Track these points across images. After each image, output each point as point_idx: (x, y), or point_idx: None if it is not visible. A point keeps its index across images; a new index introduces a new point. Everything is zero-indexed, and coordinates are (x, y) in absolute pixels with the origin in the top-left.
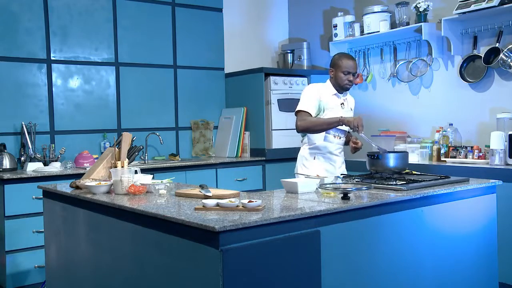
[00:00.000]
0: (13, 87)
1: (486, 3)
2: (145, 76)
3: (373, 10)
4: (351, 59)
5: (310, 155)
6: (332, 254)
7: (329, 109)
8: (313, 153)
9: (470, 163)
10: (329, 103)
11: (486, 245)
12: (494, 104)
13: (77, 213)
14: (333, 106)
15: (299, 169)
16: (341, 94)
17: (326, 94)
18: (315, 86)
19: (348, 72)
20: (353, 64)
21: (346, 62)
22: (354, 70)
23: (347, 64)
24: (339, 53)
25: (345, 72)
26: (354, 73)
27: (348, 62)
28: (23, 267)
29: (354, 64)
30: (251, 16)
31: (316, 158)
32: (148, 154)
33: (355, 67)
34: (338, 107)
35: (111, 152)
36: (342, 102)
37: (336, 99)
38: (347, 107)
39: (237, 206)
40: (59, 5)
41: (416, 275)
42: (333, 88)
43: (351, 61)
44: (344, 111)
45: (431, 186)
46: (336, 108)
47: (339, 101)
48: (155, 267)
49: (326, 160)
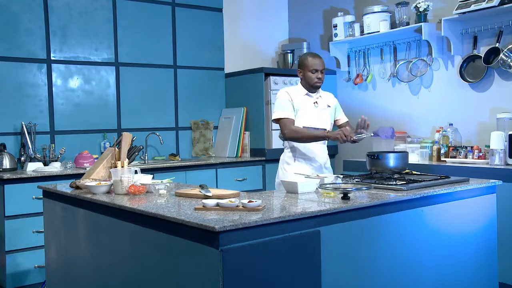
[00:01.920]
0: (13, 87)
1: (486, 3)
2: (145, 76)
3: (373, 10)
4: (317, 57)
5: (291, 158)
6: (332, 254)
7: (302, 110)
8: (293, 156)
9: (470, 163)
10: (301, 104)
11: (486, 245)
12: (494, 104)
13: (77, 213)
14: (305, 106)
15: (280, 174)
16: (313, 93)
17: (298, 96)
18: (286, 90)
19: (316, 70)
20: (319, 61)
21: (312, 60)
22: (322, 67)
23: (313, 62)
24: (305, 53)
25: (312, 70)
26: (322, 70)
27: (314, 61)
28: (23, 267)
29: (321, 61)
30: (251, 16)
31: (296, 161)
32: (148, 154)
33: (322, 65)
34: (311, 106)
35: (111, 152)
36: (315, 101)
37: (308, 99)
38: (322, 105)
39: (237, 206)
40: (59, 5)
41: (416, 275)
42: (304, 88)
43: (317, 59)
44: (318, 109)
45: (431, 186)
46: (309, 108)
47: (312, 100)
48: (155, 267)
49: (307, 162)
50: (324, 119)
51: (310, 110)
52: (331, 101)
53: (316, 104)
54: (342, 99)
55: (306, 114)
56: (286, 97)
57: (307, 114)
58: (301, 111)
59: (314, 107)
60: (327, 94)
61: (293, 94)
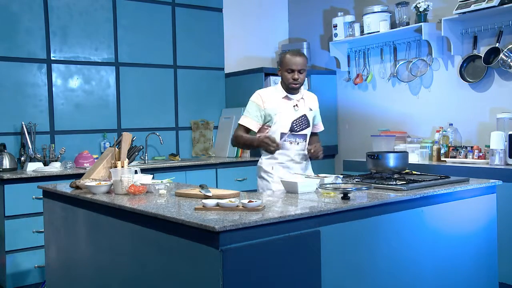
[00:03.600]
0: (13, 87)
1: (486, 3)
2: (145, 76)
3: (373, 10)
4: (297, 55)
5: (268, 165)
6: (332, 254)
7: (278, 114)
8: (270, 163)
9: (470, 163)
10: (278, 108)
11: (486, 245)
12: (494, 104)
13: (77, 213)
14: (283, 110)
15: (259, 182)
16: (293, 94)
17: (274, 99)
18: (260, 92)
19: (292, 70)
20: (297, 60)
21: (289, 59)
22: (300, 67)
23: (290, 61)
24: (287, 50)
25: (288, 70)
26: (301, 71)
27: (291, 59)
28: (23, 267)
29: (300, 60)
30: (251, 16)
31: (274, 168)
32: (148, 154)
33: (300, 64)
34: (290, 110)
35: (111, 152)
36: (295, 104)
37: (287, 102)
38: (304, 107)
39: (237, 206)
40: (59, 5)
41: (416, 275)
42: (283, 90)
43: (294, 58)
44: (298, 113)
45: (431, 186)
46: (287, 112)
47: (291, 104)
48: (155, 267)
49: (285, 169)
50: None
51: (288, 114)
52: (313, 104)
53: (297, 107)
54: (342, 99)
55: (284, 119)
56: (256, 101)
57: (285, 118)
58: (278, 116)
59: (293, 110)
60: (310, 96)
61: (267, 97)
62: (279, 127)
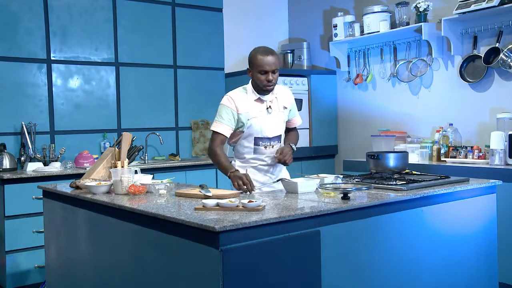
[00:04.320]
0: (13, 87)
1: (486, 3)
2: (145, 76)
3: (373, 10)
4: (269, 54)
5: (242, 168)
6: (332, 254)
7: (252, 119)
8: (244, 166)
9: (470, 163)
10: (251, 112)
11: (486, 245)
12: (494, 104)
13: (77, 213)
14: (257, 114)
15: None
16: (265, 95)
17: (246, 103)
18: (231, 95)
19: (265, 71)
20: (269, 60)
21: (261, 59)
22: (273, 68)
23: (262, 61)
24: (256, 47)
25: (261, 71)
26: (274, 71)
27: (263, 59)
28: (23, 267)
29: (272, 60)
30: (251, 16)
31: (248, 171)
32: (148, 154)
33: (273, 64)
34: (264, 113)
35: (111, 152)
36: (268, 106)
37: (260, 105)
38: (278, 108)
39: (237, 206)
40: (59, 5)
41: (416, 275)
42: (254, 92)
43: (266, 57)
44: (272, 115)
45: (431, 186)
46: (261, 115)
47: (264, 106)
48: (155, 267)
49: (260, 172)
50: (280, 125)
51: (262, 117)
52: (287, 100)
53: (270, 109)
54: (342, 99)
55: (258, 124)
56: (229, 105)
57: (259, 123)
58: (252, 120)
59: (267, 113)
60: (283, 93)
61: (240, 101)
62: (253, 132)
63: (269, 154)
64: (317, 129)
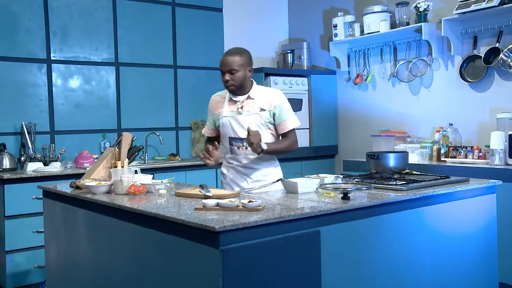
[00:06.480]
0: (13, 87)
1: (486, 3)
2: (145, 76)
3: (373, 10)
4: (226, 55)
5: (224, 168)
6: (332, 254)
7: (223, 118)
8: (226, 165)
9: (470, 163)
10: (223, 112)
11: (486, 245)
12: (494, 104)
13: (77, 213)
14: (227, 113)
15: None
16: (238, 95)
17: (221, 103)
18: (212, 97)
19: (222, 71)
20: (224, 61)
21: (220, 59)
22: (228, 68)
23: (220, 62)
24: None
25: (221, 71)
26: (231, 71)
27: (221, 60)
28: (23, 267)
29: (227, 60)
30: (251, 16)
31: (229, 171)
32: (148, 154)
33: (227, 64)
34: (234, 113)
35: (111, 152)
36: (240, 106)
37: (233, 105)
38: (251, 109)
39: (237, 206)
40: (59, 5)
41: (416, 275)
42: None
43: (224, 58)
44: (243, 116)
45: (431, 186)
46: (231, 115)
47: (236, 106)
48: (155, 267)
49: (238, 173)
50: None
51: (233, 117)
52: (270, 103)
53: (241, 110)
54: (342, 99)
55: (228, 123)
56: (209, 107)
57: (229, 122)
58: (222, 119)
59: (237, 113)
60: (266, 95)
61: (216, 101)
62: (225, 132)
63: (244, 155)
64: (317, 129)
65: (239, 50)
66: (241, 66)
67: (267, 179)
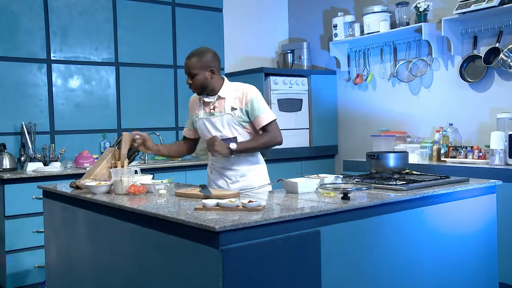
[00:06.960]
0: (13, 87)
1: (486, 3)
2: (145, 76)
3: (373, 10)
4: (186, 58)
5: (209, 168)
6: (332, 254)
7: (198, 120)
8: (210, 167)
9: (470, 163)
10: (199, 114)
11: (486, 245)
12: (494, 104)
13: (77, 213)
14: (202, 115)
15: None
16: (210, 96)
17: (197, 105)
18: (191, 98)
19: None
20: (185, 64)
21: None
22: (186, 71)
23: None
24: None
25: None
26: (191, 74)
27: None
28: (23, 267)
29: (185, 64)
30: (251, 16)
31: (213, 173)
32: (148, 154)
33: (186, 68)
34: (207, 114)
35: (111, 152)
36: (212, 107)
37: (206, 106)
38: (223, 109)
39: (237, 206)
40: (59, 5)
41: (416, 275)
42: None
43: (185, 61)
44: (215, 116)
45: (431, 186)
46: (205, 116)
47: (209, 108)
48: (155, 267)
49: (220, 175)
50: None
51: (206, 119)
52: (241, 100)
53: (213, 111)
54: (342, 99)
55: (202, 125)
56: (189, 106)
57: (203, 124)
58: (198, 121)
59: (210, 115)
60: (237, 92)
61: (193, 102)
62: (201, 133)
63: (223, 157)
64: (317, 129)
65: (198, 52)
66: (199, 68)
67: (247, 179)
